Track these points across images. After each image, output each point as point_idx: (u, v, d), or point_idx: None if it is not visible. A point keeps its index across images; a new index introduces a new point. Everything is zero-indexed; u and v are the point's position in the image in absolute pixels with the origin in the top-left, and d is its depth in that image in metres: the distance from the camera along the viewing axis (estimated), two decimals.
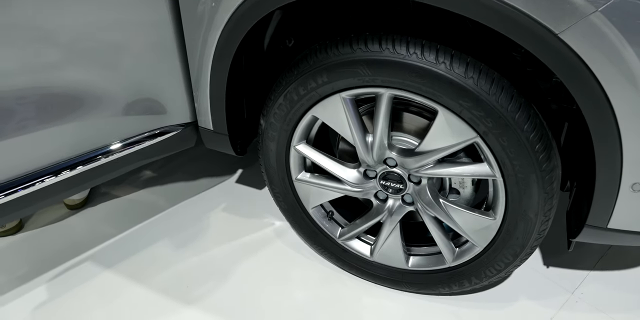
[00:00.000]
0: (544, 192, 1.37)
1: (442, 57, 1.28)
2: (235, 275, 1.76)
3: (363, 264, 1.74)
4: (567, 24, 1.12)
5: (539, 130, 1.32)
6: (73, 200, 2.02)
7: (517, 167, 1.35)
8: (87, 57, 1.45)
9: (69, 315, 1.63)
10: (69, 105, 1.50)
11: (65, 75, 1.45)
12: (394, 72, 1.33)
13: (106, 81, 1.50)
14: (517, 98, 1.29)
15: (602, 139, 1.23)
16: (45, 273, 1.75)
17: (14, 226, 1.93)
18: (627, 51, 1.10)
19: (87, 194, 2.07)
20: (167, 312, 1.65)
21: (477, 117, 1.31)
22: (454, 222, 1.52)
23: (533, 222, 1.43)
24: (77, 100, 1.50)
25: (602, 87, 1.16)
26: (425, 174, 1.48)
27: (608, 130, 1.21)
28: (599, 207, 1.37)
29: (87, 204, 2.02)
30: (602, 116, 1.20)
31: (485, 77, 1.28)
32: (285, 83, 1.48)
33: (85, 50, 1.44)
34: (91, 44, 1.44)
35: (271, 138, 1.59)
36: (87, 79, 1.49)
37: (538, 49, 1.16)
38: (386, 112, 1.42)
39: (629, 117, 1.19)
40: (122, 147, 1.61)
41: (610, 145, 1.24)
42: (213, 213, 1.98)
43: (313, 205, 1.70)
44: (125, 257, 1.81)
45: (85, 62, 1.46)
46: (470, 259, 1.59)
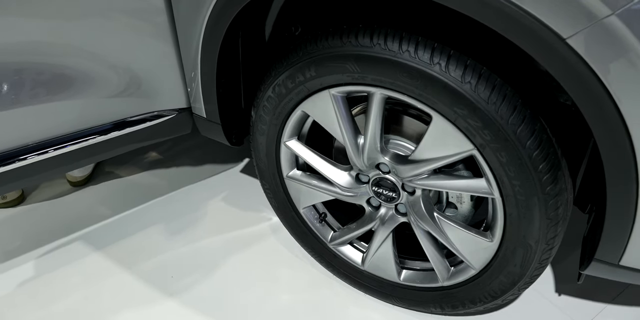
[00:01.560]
0: (546, 218, 1.20)
1: (437, 57, 1.13)
2: (223, 270, 1.69)
3: (353, 272, 1.62)
4: (576, 28, 0.94)
5: (545, 147, 1.14)
6: (75, 177, 2.02)
7: (516, 187, 1.19)
8: (80, 36, 1.40)
9: (50, 294, 1.62)
10: (60, 83, 1.45)
11: (58, 55, 1.41)
12: (384, 71, 1.19)
13: (98, 61, 1.44)
14: (521, 109, 1.12)
15: (614, 163, 1.05)
16: (36, 249, 1.75)
17: (15, 198, 1.95)
18: None
19: (90, 171, 2.05)
20: (147, 302, 1.60)
21: (474, 128, 1.15)
22: (447, 239, 1.37)
23: (533, 250, 1.26)
24: (70, 78, 1.46)
25: (615, 103, 0.98)
26: (419, 184, 1.34)
27: (621, 154, 1.03)
28: (610, 239, 1.18)
29: (90, 181, 2.01)
30: (614, 137, 1.01)
31: (485, 83, 1.11)
32: (274, 75, 1.37)
33: (77, 30, 1.39)
34: (83, 23, 1.38)
35: (261, 132, 1.49)
36: (79, 59, 1.44)
37: (541, 55, 0.99)
38: (378, 113, 1.28)
39: None
40: (114, 128, 1.57)
41: (624, 171, 1.05)
42: (211, 202, 1.91)
43: (304, 206, 1.59)
44: (116, 240, 1.78)
45: (77, 41, 1.41)
46: (465, 280, 1.43)
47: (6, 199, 1.95)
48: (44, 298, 1.61)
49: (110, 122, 1.56)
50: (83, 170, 2.00)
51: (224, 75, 1.50)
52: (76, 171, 2.01)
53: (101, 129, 1.55)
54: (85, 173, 2.00)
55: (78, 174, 2.02)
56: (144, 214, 1.88)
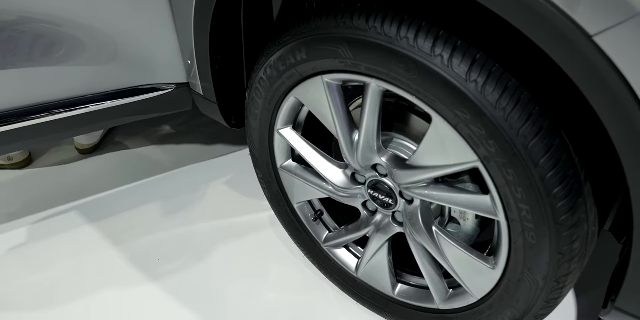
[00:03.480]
0: (557, 252, 0.99)
1: (440, 48, 0.93)
2: (211, 258, 1.58)
3: (346, 278, 1.46)
4: (607, 23, 0.72)
5: (563, 168, 0.93)
6: (82, 145, 1.96)
7: (523, 212, 0.98)
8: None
9: (37, 262, 1.58)
10: (55, 48, 1.37)
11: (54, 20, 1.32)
12: (379, 60, 1.00)
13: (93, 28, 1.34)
14: (538, 119, 0.91)
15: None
16: (33, 214, 1.71)
17: (22, 160, 1.91)
18: None
19: (98, 140, 1.99)
20: (127, 284, 1.52)
21: (477, 136, 0.95)
22: (445, 258, 1.18)
23: (539, 287, 1.06)
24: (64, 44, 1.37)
25: None
26: (416, 194, 1.15)
27: None
28: (634, 289, 0.96)
29: (98, 150, 1.94)
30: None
31: (494, 83, 0.90)
32: (267, 55, 1.20)
33: None
34: None
35: (254, 116, 1.34)
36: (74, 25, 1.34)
37: (560, 53, 0.78)
38: (374, 107, 1.09)
39: None
40: (109, 98, 1.47)
41: None
42: (214, 184, 1.79)
43: (298, 201, 1.44)
44: (112, 213, 1.71)
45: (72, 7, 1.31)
46: (463, 307, 1.24)
47: (12, 160, 1.92)
48: (31, 265, 1.57)
49: (105, 92, 1.46)
50: (90, 139, 1.94)
51: (221, 51, 1.36)
52: (83, 139, 1.96)
53: (96, 97, 1.46)
54: (92, 141, 1.94)
55: (85, 142, 1.96)
56: (143, 189, 1.79)
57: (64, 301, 1.47)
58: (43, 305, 1.46)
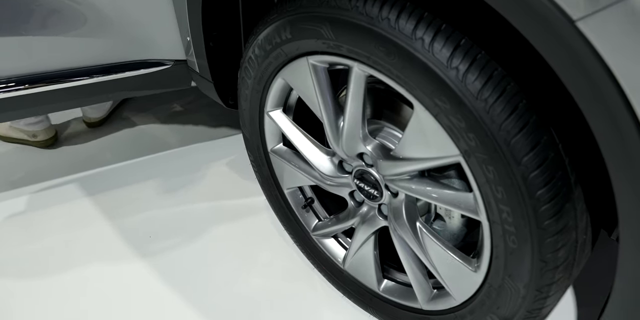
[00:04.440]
0: (540, 259, 0.91)
1: (422, 31, 0.85)
2: (202, 239, 1.56)
3: (334, 270, 1.41)
4: (591, 7, 0.63)
5: (549, 168, 0.84)
6: (90, 118, 1.96)
7: (504, 214, 0.90)
8: None
9: (31, 232, 1.60)
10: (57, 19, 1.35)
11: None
12: (360, 41, 0.93)
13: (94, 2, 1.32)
14: (523, 113, 0.83)
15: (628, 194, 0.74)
16: (33, 184, 1.73)
17: (47, 139, 1.92)
18: None
19: (106, 114, 1.99)
20: (117, 259, 1.52)
21: (457, 128, 0.88)
22: (427, 257, 1.12)
23: (520, 295, 0.98)
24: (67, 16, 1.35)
25: (632, 109, 0.66)
26: (400, 187, 1.08)
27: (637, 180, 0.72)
28: (619, 308, 0.87)
29: (105, 124, 1.94)
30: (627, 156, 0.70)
31: (477, 72, 0.82)
32: (255, 34, 1.15)
33: None
34: None
35: (244, 97, 1.29)
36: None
37: (541, 38, 0.69)
38: (357, 92, 1.03)
39: None
40: (106, 72, 1.45)
41: None
42: (215, 164, 1.76)
43: (288, 186, 1.39)
44: (110, 188, 1.71)
45: None
46: (445, 309, 1.18)
47: (37, 137, 1.93)
48: (26, 234, 1.59)
49: (103, 65, 1.44)
50: (98, 112, 1.94)
51: (217, 28, 1.31)
52: (91, 112, 1.96)
53: (94, 70, 1.44)
54: (100, 115, 1.94)
55: (93, 115, 1.96)
56: (145, 165, 1.78)
57: (53, 271, 1.48)
58: (34, 273, 1.48)
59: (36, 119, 1.89)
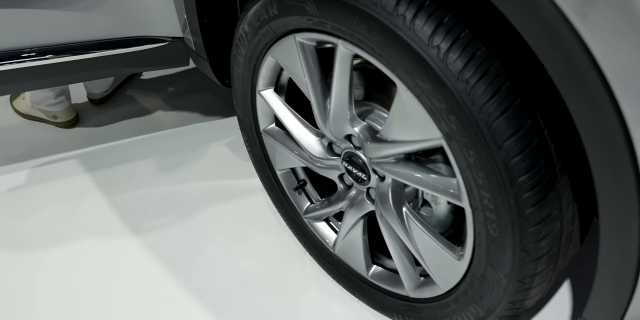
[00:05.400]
0: (522, 249, 0.88)
1: (404, 6, 0.81)
2: (196, 218, 1.56)
3: (324, 253, 1.39)
4: (587, 8, 0.59)
5: (533, 154, 0.80)
6: (93, 95, 1.97)
7: (485, 200, 0.87)
8: None
9: (29, 206, 1.63)
10: None
11: None
12: (342, 18, 0.90)
13: None
14: (507, 95, 0.79)
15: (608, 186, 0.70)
16: (34, 159, 1.74)
17: (68, 120, 1.94)
18: None
19: (109, 90, 1.99)
20: (111, 234, 1.53)
21: (438, 110, 0.84)
22: (413, 243, 1.09)
23: (502, 286, 0.95)
24: None
25: (619, 109, 0.62)
26: (386, 170, 1.05)
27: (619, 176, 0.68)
28: (601, 302, 0.84)
29: (108, 100, 1.94)
30: (612, 156, 0.66)
31: (459, 51, 0.79)
32: (246, 10, 1.12)
33: None
34: None
35: (237, 75, 1.27)
36: None
37: (536, 38, 0.66)
38: (343, 71, 1.00)
39: None
40: (101, 47, 1.44)
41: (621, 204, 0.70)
42: (214, 144, 1.75)
43: (280, 168, 1.37)
44: (109, 165, 1.72)
45: None
46: (431, 297, 1.15)
47: (57, 119, 1.94)
48: (23, 208, 1.62)
49: (100, 40, 1.44)
50: (100, 88, 1.94)
51: (212, 5, 1.29)
52: (92, 88, 1.96)
53: (89, 45, 1.44)
54: (101, 90, 1.94)
55: (95, 91, 1.96)
56: (145, 143, 1.79)
57: (47, 243, 1.50)
58: (28, 244, 1.50)
59: (56, 99, 1.90)
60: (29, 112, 1.99)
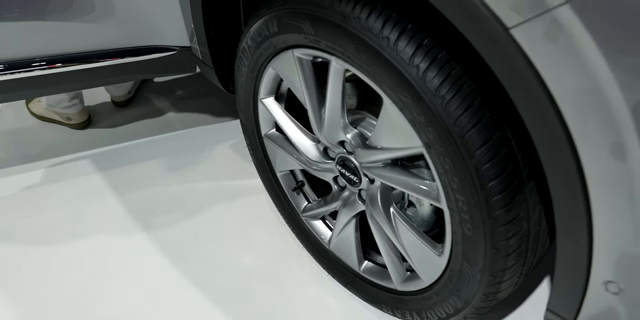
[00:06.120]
0: (492, 247, 0.98)
1: (388, 30, 0.91)
2: (202, 217, 1.67)
3: (320, 249, 1.50)
4: (522, 16, 0.69)
5: (501, 162, 0.90)
6: (116, 97, 2.07)
7: (459, 203, 0.97)
8: None
9: (44, 203, 1.73)
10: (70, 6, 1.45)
11: None
12: (334, 38, 1.00)
13: None
14: (478, 109, 0.89)
15: (559, 186, 0.80)
16: (49, 158, 1.85)
17: (81, 122, 2.04)
18: (600, 71, 0.65)
19: (132, 92, 2.09)
20: (121, 230, 1.64)
21: (418, 122, 0.94)
22: (399, 241, 1.19)
23: (477, 279, 1.05)
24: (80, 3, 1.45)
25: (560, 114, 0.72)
26: (374, 174, 1.16)
27: (567, 176, 0.77)
28: (560, 294, 0.94)
29: (131, 102, 2.06)
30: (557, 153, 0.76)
31: (436, 70, 0.89)
32: (248, 26, 1.22)
33: None
34: None
35: (240, 84, 1.37)
36: None
37: (481, 44, 0.75)
38: (336, 86, 1.10)
39: (598, 178, 0.74)
40: (118, 55, 1.55)
41: (571, 202, 0.80)
42: (219, 146, 1.86)
43: (280, 170, 1.47)
44: (120, 165, 1.83)
45: None
46: (416, 290, 1.25)
47: (71, 120, 2.05)
48: (38, 205, 1.72)
49: (114, 49, 1.54)
50: (121, 90, 2.04)
51: (218, 18, 1.39)
52: (115, 91, 2.06)
53: (104, 54, 1.54)
54: (123, 93, 2.05)
55: (117, 93, 2.07)
56: (157, 144, 1.90)
57: (61, 239, 1.61)
58: (43, 240, 1.61)
59: (70, 102, 2.00)
60: (44, 114, 2.10)
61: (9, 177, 1.81)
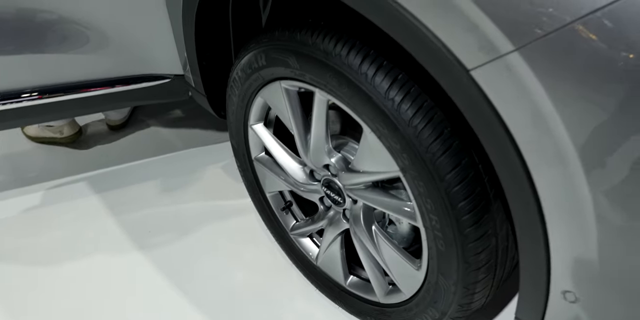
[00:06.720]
0: (464, 261, 1.07)
1: (366, 66, 1.02)
2: (195, 236, 1.75)
3: (309, 265, 1.58)
4: (480, 60, 0.79)
5: (469, 184, 1.00)
6: (112, 121, 2.16)
7: (433, 221, 1.06)
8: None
9: (42, 226, 1.80)
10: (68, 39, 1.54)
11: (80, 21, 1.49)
12: (318, 72, 1.10)
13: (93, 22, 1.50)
14: (447, 138, 0.99)
15: (521, 215, 0.90)
16: (47, 182, 1.92)
17: (72, 134, 2.12)
18: (546, 107, 0.76)
19: (127, 116, 2.18)
20: (118, 250, 1.71)
21: (394, 149, 1.04)
22: (381, 257, 1.28)
23: (451, 291, 1.14)
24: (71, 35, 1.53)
25: (519, 151, 0.82)
26: (356, 195, 1.25)
27: (526, 206, 0.87)
28: (526, 303, 1.03)
29: (126, 126, 2.15)
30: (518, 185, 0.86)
31: (410, 102, 0.99)
32: (239, 58, 1.32)
33: None
34: None
35: (231, 111, 1.47)
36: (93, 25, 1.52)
37: (446, 83, 0.86)
38: (320, 115, 1.20)
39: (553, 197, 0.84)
40: (109, 84, 1.63)
41: (530, 227, 0.90)
42: (210, 167, 1.96)
43: (269, 190, 1.56)
44: (116, 186, 1.90)
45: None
46: (398, 302, 1.34)
47: (63, 134, 2.13)
48: (38, 227, 1.79)
49: (111, 78, 1.63)
50: (119, 114, 2.13)
51: (210, 50, 1.49)
52: (112, 115, 2.14)
53: (97, 83, 1.63)
54: (120, 117, 2.14)
55: (114, 118, 2.15)
56: (151, 166, 1.99)
57: (59, 260, 1.68)
58: (43, 262, 1.67)
59: None
60: (39, 134, 2.16)
61: (8, 200, 1.87)
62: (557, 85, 0.74)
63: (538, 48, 0.73)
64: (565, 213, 0.83)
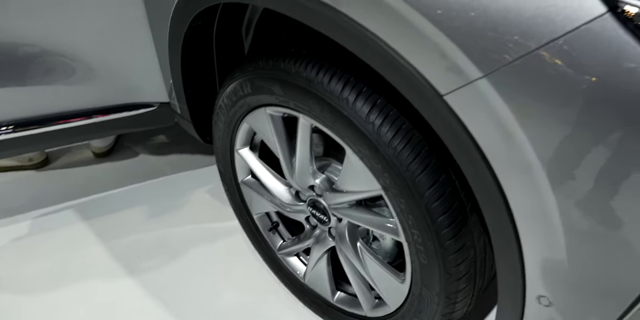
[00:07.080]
0: (445, 272, 1.14)
1: (347, 92, 1.09)
2: (184, 259, 1.79)
3: (297, 283, 1.63)
4: (453, 85, 0.87)
5: (447, 200, 1.07)
6: (98, 148, 2.19)
7: (415, 236, 1.13)
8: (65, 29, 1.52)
9: (32, 255, 1.81)
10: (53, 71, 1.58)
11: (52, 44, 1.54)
12: (302, 99, 1.17)
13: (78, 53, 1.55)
14: (425, 157, 1.06)
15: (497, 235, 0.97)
16: (34, 210, 1.95)
17: (40, 161, 2.15)
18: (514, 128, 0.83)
19: (112, 144, 2.22)
20: (109, 276, 1.73)
21: (376, 169, 1.11)
22: (367, 271, 1.34)
23: (434, 302, 1.20)
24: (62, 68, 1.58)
25: (493, 172, 0.90)
26: (341, 213, 1.32)
27: (502, 226, 0.95)
28: (505, 309, 1.10)
29: (112, 153, 2.19)
30: (492, 202, 0.94)
31: (389, 125, 1.06)
32: (224, 86, 1.39)
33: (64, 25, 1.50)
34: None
35: (217, 137, 1.53)
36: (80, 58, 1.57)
37: (422, 107, 0.93)
38: (304, 138, 1.27)
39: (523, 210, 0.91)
40: (98, 113, 1.68)
41: (506, 250, 0.97)
42: (197, 191, 2.01)
43: (256, 212, 1.62)
44: (103, 213, 1.93)
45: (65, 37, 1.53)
46: (384, 315, 1.40)
47: (33, 160, 2.16)
48: (26, 256, 1.80)
49: (98, 108, 1.68)
50: (103, 142, 2.16)
51: (195, 79, 1.55)
52: (100, 142, 2.18)
53: (88, 112, 1.67)
54: (105, 144, 2.17)
55: (100, 145, 2.19)
56: (136, 192, 2.02)
57: (51, 287, 1.69)
58: (34, 290, 1.69)
59: None
60: (5, 164, 2.17)
61: None
62: (523, 107, 0.82)
63: (505, 74, 0.81)
64: (535, 222, 0.91)
